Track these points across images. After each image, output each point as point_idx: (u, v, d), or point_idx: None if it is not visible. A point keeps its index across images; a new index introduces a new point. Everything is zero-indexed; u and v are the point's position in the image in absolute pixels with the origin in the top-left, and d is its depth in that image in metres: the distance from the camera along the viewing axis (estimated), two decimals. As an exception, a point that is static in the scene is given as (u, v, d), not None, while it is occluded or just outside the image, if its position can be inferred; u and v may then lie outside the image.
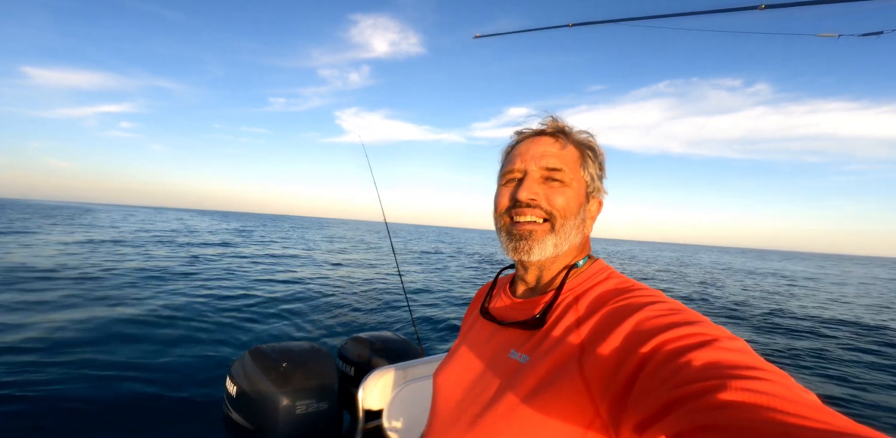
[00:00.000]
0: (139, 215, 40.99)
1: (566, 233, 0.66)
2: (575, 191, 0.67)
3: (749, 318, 8.41)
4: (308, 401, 1.54)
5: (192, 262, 10.21)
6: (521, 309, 0.70)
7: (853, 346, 6.48)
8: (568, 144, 0.68)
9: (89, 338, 4.06)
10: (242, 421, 1.58)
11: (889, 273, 32.51)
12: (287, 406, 1.50)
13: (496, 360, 0.65)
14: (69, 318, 4.61)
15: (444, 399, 0.69)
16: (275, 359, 1.61)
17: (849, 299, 12.90)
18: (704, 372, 0.38)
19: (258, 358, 1.62)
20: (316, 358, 1.70)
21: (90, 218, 28.57)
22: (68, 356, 3.55)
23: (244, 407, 1.57)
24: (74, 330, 4.25)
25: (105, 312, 5.02)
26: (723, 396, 0.34)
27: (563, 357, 0.54)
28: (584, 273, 0.67)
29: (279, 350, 1.68)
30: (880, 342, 6.89)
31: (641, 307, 0.52)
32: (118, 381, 3.21)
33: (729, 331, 0.46)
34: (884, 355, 6.07)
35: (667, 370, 0.41)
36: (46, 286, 6.15)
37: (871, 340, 6.98)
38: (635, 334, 0.49)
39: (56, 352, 3.62)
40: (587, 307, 0.59)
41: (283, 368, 1.57)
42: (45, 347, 3.70)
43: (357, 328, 5.64)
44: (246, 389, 1.56)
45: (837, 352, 6.04)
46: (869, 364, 5.54)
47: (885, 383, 4.80)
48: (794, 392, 0.34)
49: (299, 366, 1.61)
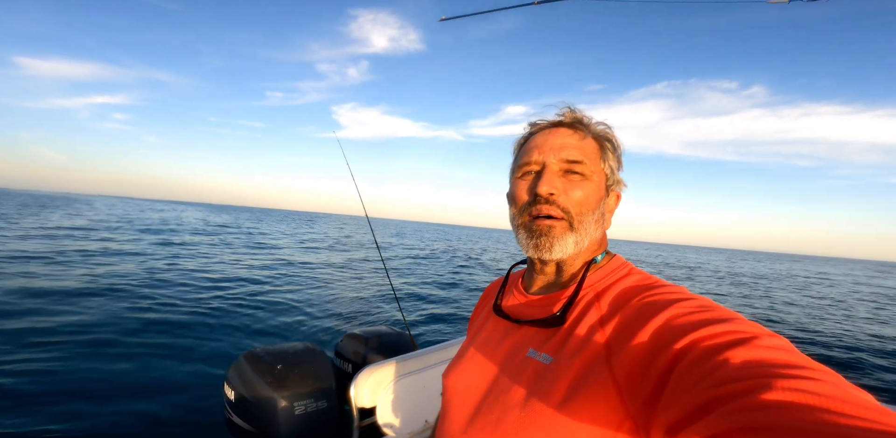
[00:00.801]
0: (126, 207, 39.97)
1: (586, 229, 0.63)
2: (595, 184, 0.64)
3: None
4: (306, 401, 1.56)
5: (175, 260, 10.02)
6: (537, 306, 0.67)
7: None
8: (587, 136, 0.65)
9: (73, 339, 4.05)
10: (244, 424, 1.60)
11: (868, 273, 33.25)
12: (285, 407, 1.52)
13: (513, 360, 0.62)
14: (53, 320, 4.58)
15: (460, 402, 0.66)
16: (269, 362, 1.62)
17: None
18: (745, 371, 0.35)
19: (253, 362, 1.64)
20: (311, 358, 1.71)
21: (65, 209, 27.85)
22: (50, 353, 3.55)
23: (244, 411, 1.59)
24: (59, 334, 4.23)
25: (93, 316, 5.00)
26: (767, 396, 0.31)
27: (590, 358, 0.52)
28: (604, 269, 0.65)
29: (273, 353, 1.69)
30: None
31: (670, 304, 0.49)
32: (121, 381, 3.23)
33: (767, 328, 0.43)
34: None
35: (703, 369, 0.38)
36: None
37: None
38: (665, 331, 0.46)
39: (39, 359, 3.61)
40: (610, 305, 0.57)
41: (277, 370, 1.59)
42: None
43: (353, 324, 5.67)
44: (243, 393, 1.58)
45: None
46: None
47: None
48: (846, 392, 0.31)
49: (294, 367, 1.62)
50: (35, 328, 4.34)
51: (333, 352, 2.11)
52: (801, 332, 7.43)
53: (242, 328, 5.13)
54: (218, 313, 5.58)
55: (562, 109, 0.68)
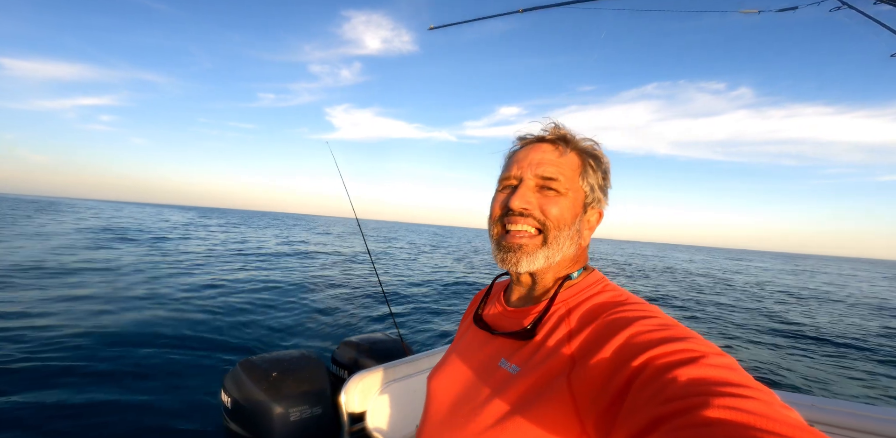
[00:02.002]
0: (108, 211, 39.56)
1: (559, 244, 0.65)
2: (571, 201, 0.65)
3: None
4: (301, 408, 1.60)
5: (174, 265, 10.03)
6: (512, 318, 0.69)
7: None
8: (568, 152, 0.66)
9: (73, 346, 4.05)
10: (241, 431, 1.64)
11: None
12: (281, 413, 1.55)
13: (486, 368, 0.65)
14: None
15: (437, 404, 0.69)
16: (265, 369, 1.66)
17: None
18: (690, 389, 0.38)
19: (248, 370, 1.67)
20: (306, 365, 1.75)
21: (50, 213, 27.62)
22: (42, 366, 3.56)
23: (240, 418, 1.62)
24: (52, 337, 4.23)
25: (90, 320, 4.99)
26: (706, 413, 0.34)
27: (552, 371, 0.54)
28: (579, 285, 0.66)
29: (269, 360, 1.73)
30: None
31: (632, 321, 0.52)
32: (115, 389, 3.24)
33: (718, 347, 0.46)
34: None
35: (654, 387, 0.41)
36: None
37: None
38: (625, 349, 0.48)
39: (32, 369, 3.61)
40: (579, 320, 0.58)
41: (273, 377, 1.62)
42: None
43: (349, 332, 5.68)
44: (239, 400, 1.61)
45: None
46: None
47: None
48: (776, 411, 0.34)
49: (289, 374, 1.66)
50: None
51: (330, 359, 2.15)
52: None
53: (237, 336, 5.14)
54: (211, 320, 5.59)
55: (547, 125, 0.70)
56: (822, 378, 5.02)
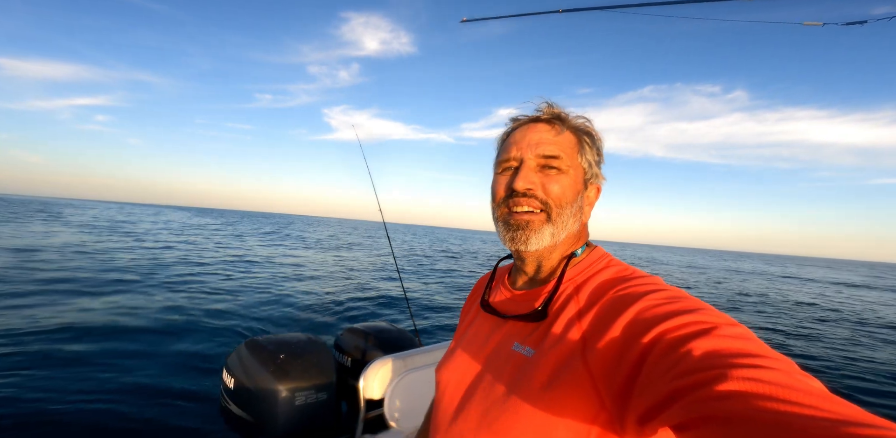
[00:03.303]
0: (110, 212, 39.23)
1: (563, 222, 0.65)
2: (572, 178, 0.66)
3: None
4: (307, 392, 1.55)
5: (183, 255, 10.03)
6: (521, 301, 0.69)
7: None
8: (564, 130, 0.67)
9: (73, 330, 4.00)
10: (242, 413, 1.59)
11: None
12: (286, 397, 1.50)
13: (500, 353, 0.64)
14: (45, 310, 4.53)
15: (450, 395, 0.68)
16: (272, 351, 1.61)
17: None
18: (705, 361, 0.37)
19: (255, 350, 1.62)
20: (314, 349, 1.70)
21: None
22: (40, 347, 3.51)
23: (243, 400, 1.57)
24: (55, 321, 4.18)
25: (94, 304, 4.93)
26: (724, 386, 0.33)
27: (567, 351, 0.54)
28: (584, 262, 0.67)
29: (276, 342, 1.68)
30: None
31: (641, 296, 0.52)
32: (109, 375, 3.18)
33: (731, 317, 0.45)
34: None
35: (668, 361, 0.40)
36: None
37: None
38: (635, 324, 0.48)
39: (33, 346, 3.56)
40: (588, 298, 0.59)
41: (280, 359, 1.57)
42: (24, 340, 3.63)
43: (352, 319, 5.64)
44: (244, 381, 1.56)
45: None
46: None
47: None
48: (797, 380, 0.33)
49: (297, 358, 1.61)
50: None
51: (332, 345, 2.10)
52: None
53: (238, 317, 5.09)
54: (213, 302, 5.53)
55: (540, 105, 0.70)
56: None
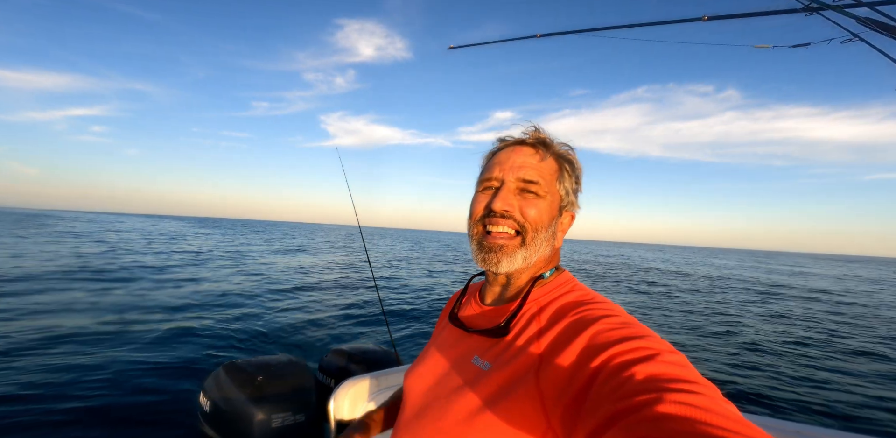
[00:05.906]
0: (106, 224, 39.38)
1: (536, 246, 0.67)
2: (549, 204, 0.68)
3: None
4: (284, 414, 1.52)
5: (161, 270, 9.91)
6: (488, 317, 0.71)
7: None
8: (547, 156, 0.69)
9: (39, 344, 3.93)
10: (217, 436, 1.56)
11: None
12: (262, 419, 1.48)
13: (459, 365, 0.66)
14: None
15: (412, 401, 0.70)
16: (250, 373, 1.59)
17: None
18: (645, 385, 0.40)
19: (233, 372, 1.60)
20: (293, 371, 1.68)
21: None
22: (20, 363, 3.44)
23: (218, 422, 1.54)
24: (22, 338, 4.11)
25: (65, 320, 4.87)
26: (659, 408, 0.36)
27: (522, 367, 0.56)
28: (550, 284, 0.69)
29: (255, 364, 1.66)
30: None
31: (596, 320, 0.54)
32: (84, 391, 3.11)
33: (671, 345, 0.49)
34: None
35: (613, 384, 0.43)
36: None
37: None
38: (589, 347, 0.50)
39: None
40: (549, 318, 0.61)
41: (258, 381, 1.56)
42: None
43: (338, 340, 5.56)
44: (220, 403, 1.54)
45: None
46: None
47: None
48: (719, 405, 0.37)
49: (275, 379, 1.59)
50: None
51: (317, 368, 2.08)
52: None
53: (221, 339, 5.01)
54: (196, 323, 5.46)
55: (528, 128, 0.72)
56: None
